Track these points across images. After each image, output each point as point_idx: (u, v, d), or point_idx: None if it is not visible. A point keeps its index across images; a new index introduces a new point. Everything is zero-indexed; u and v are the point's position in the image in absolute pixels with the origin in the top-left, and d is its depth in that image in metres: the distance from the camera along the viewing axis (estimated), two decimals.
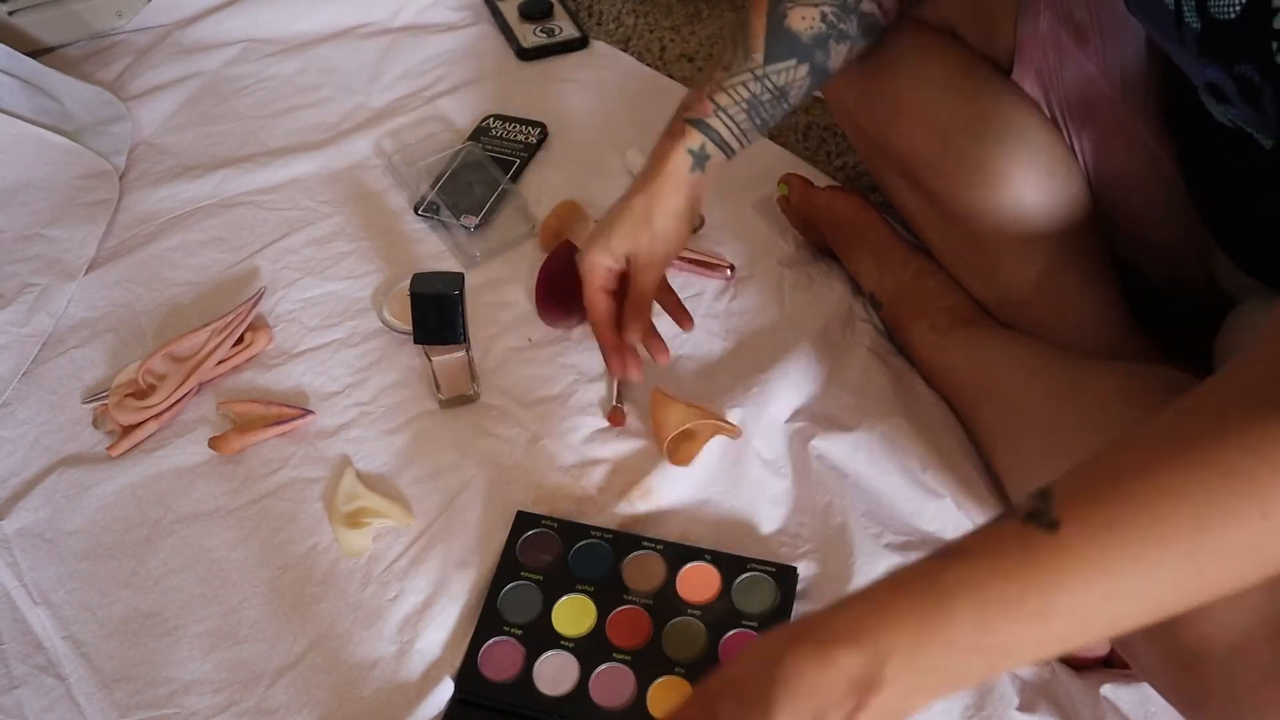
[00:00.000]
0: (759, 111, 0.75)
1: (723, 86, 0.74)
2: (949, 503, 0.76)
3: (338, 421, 0.83)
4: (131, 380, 0.84)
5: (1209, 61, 0.50)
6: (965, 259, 0.81)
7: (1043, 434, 0.69)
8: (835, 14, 0.72)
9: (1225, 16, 0.48)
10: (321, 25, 1.24)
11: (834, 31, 0.73)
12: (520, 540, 0.74)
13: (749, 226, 0.99)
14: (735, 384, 0.83)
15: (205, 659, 0.70)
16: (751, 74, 0.73)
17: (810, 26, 0.72)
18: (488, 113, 1.12)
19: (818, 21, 0.72)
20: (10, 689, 0.69)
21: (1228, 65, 0.49)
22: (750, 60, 0.73)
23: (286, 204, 1.02)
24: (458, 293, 0.76)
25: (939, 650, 0.39)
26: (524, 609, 0.70)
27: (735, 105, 0.74)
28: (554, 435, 0.82)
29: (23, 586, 0.74)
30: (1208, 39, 0.49)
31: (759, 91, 0.74)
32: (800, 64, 0.73)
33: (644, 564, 0.72)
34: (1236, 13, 0.47)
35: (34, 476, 0.80)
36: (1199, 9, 0.49)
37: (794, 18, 0.72)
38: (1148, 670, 0.59)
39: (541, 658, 0.68)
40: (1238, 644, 0.48)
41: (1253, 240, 0.64)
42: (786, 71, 0.73)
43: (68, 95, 1.09)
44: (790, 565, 0.72)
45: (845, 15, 0.73)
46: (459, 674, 0.68)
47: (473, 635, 0.69)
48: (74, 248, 0.96)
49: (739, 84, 0.73)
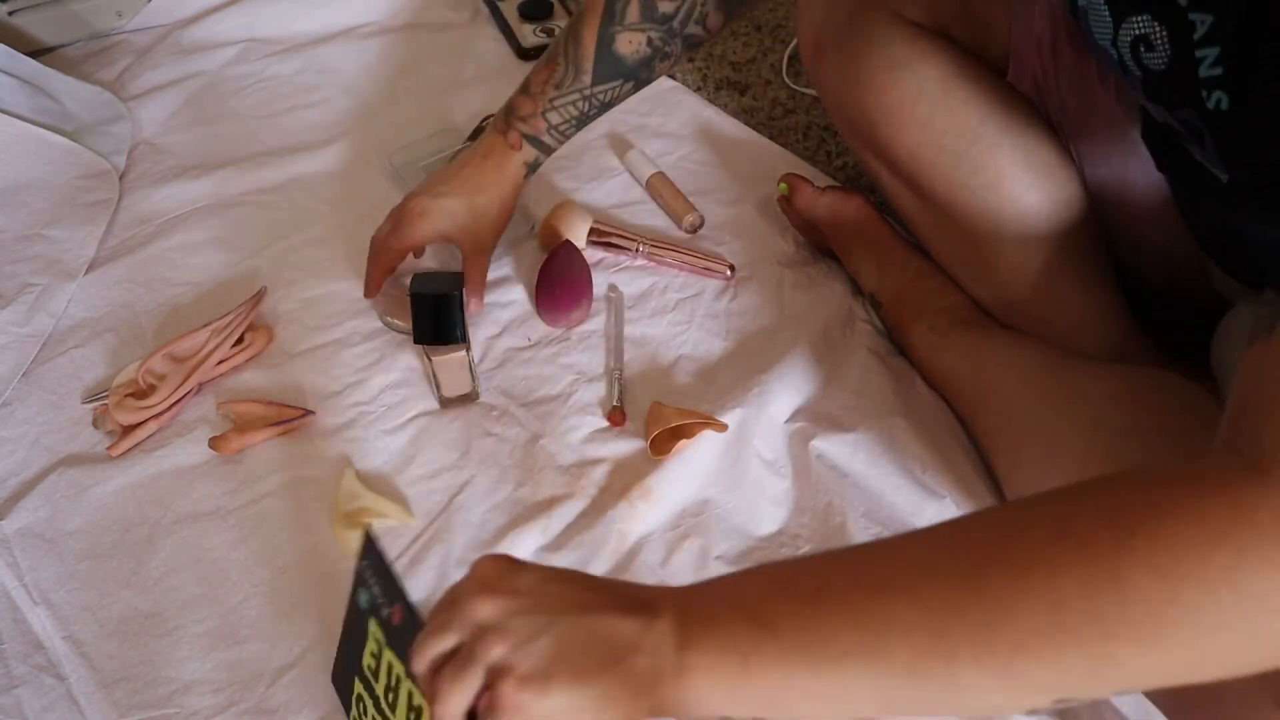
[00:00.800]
0: (585, 121, 0.85)
1: (554, 105, 0.83)
2: (949, 503, 0.76)
3: (338, 421, 0.83)
4: (131, 380, 0.84)
5: (1155, 105, 0.51)
6: (963, 260, 0.81)
7: (1041, 438, 0.69)
8: (661, 38, 0.79)
9: (1157, 68, 0.48)
10: (321, 25, 1.24)
11: (659, 54, 0.80)
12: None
13: (749, 226, 0.99)
14: (735, 384, 0.83)
15: (205, 659, 0.70)
16: (580, 94, 0.82)
17: (636, 51, 0.80)
18: (488, 113, 1.12)
19: (644, 46, 0.80)
20: (10, 689, 0.69)
21: (1170, 110, 0.50)
22: (579, 81, 0.82)
23: (286, 204, 1.02)
24: (458, 293, 0.76)
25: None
26: None
27: (565, 122, 0.84)
28: (554, 435, 0.82)
29: (23, 586, 0.74)
30: (1149, 86, 0.50)
31: (586, 109, 0.84)
32: (626, 82, 0.83)
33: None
34: (1165, 63, 0.47)
35: (34, 476, 0.80)
36: (1135, 60, 0.49)
37: (621, 43, 0.79)
38: None
39: None
40: None
41: (1236, 253, 0.64)
42: (612, 90, 0.83)
43: (68, 95, 1.09)
44: None
45: (670, 39, 0.80)
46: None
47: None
48: (74, 248, 0.96)
49: (569, 103, 0.83)
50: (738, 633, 0.40)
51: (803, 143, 1.10)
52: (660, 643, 0.41)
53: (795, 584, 0.41)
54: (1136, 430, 0.62)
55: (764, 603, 0.41)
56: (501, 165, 0.85)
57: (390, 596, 0.56)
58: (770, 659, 0.39)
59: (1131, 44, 0.49)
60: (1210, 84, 0.45)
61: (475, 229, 0.86)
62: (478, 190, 0.85)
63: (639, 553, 0.75)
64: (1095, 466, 0.59)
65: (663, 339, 0.89)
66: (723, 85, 1.18)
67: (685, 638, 0.41)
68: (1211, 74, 0.45)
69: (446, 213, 0.84)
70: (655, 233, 0.98)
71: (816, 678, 0.39)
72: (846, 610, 0.39)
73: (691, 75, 1.19)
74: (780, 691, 0.39)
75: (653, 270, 0.95)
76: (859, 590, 0.39)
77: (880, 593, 0.39)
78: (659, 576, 0.73)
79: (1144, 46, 0.49)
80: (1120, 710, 0.65)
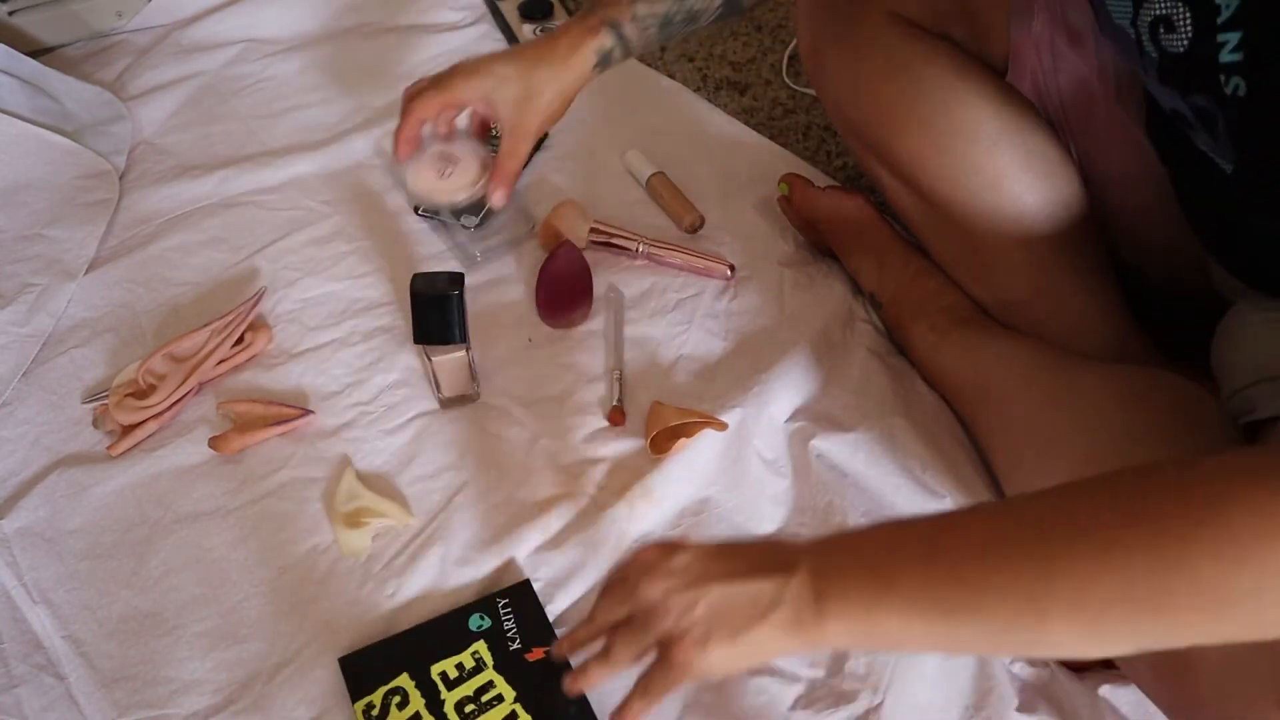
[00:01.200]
0: (668, 29, 0.79)
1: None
2: (949, 502, 0.76)
3: (338, 421, 0.83)
4: (131, 380, 0.84)
5: (1168, 89, 0.51)
6: (963, 260, 0.81)
7: (1040, 437, 0.69)
8: None
9: (1176, 50, 0.48)
10: (321, 25, 1.24)
11: None
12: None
13: (749, 226, 0.99)
14: (735, 384, 0.83)
15: (205, 659, 0.70)
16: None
17: None
18: None
19: None
20: (10, 688, 0.69)
21: (1184, 94, 0.50)
22: None
23: (286, 204, 1.02)
24: (458, 293, 0.76)
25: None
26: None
27: (651, 18, 0.78)
28: (554, 435, 0.82)
29: (22, 586, 0.74)
30: (1164, 69, 0.50)
31: (675, 11, 0.77)
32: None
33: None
34: (1185, 46, 0.48)
35: (34, 476, 0.80)
36: (1153, 41, 0.49)
37: None
38: (1139, 677, 0.60)
39: None
40: (1230, 652, 0.48)
41: (1238, 250, 0.64)
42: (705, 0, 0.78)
43: (68, 95, 1.09)
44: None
45: None
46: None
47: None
48: (74, 248, 0.96)
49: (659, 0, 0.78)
50: (864, 587, 0.47)
51: (803, 143, 1.10)
52: (799, 595, 0.48)
53: (907, 548, 0.48)
54: (1137, 429, 0.63)
55: (884, 561, 0.48)
56: (574, 46, 0.78)
57: (536, 640, 0.68)
58: (891, 610, 0.46)
59: (1151, 24, 0.49)
60: (1229, 69, 0.45)
61: (523, 104, 0.78)
62: (538, 62, 0.78)
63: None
64: (1096, 465, 0.59)
65: (663, 339, 0.89)
66: (723, 85, 1.18)
67: (820, 590, 0.48)
68: (1231, 59, 0.45)
69: (497, 76, 0.77)
70: (655, 233, 0.98)
71: (929, 626, 0.46)
72: (952, 575, 0.45)
73: (691, 75, 1.19)
74: (901, 634, 0.47)
75: (653, 270, 0.95)
76: (963, 557, 0.46)
77: (981, 560, 0.45)
78: None
79: (1164, 28, 0.49)
80: (1120, 710, 0.65)
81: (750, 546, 0.53)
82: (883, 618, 0.47)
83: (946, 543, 0.47)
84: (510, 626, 0.69)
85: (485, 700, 0.66)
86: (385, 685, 0.66)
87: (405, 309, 0.91)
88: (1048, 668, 0.68)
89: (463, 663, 0.67)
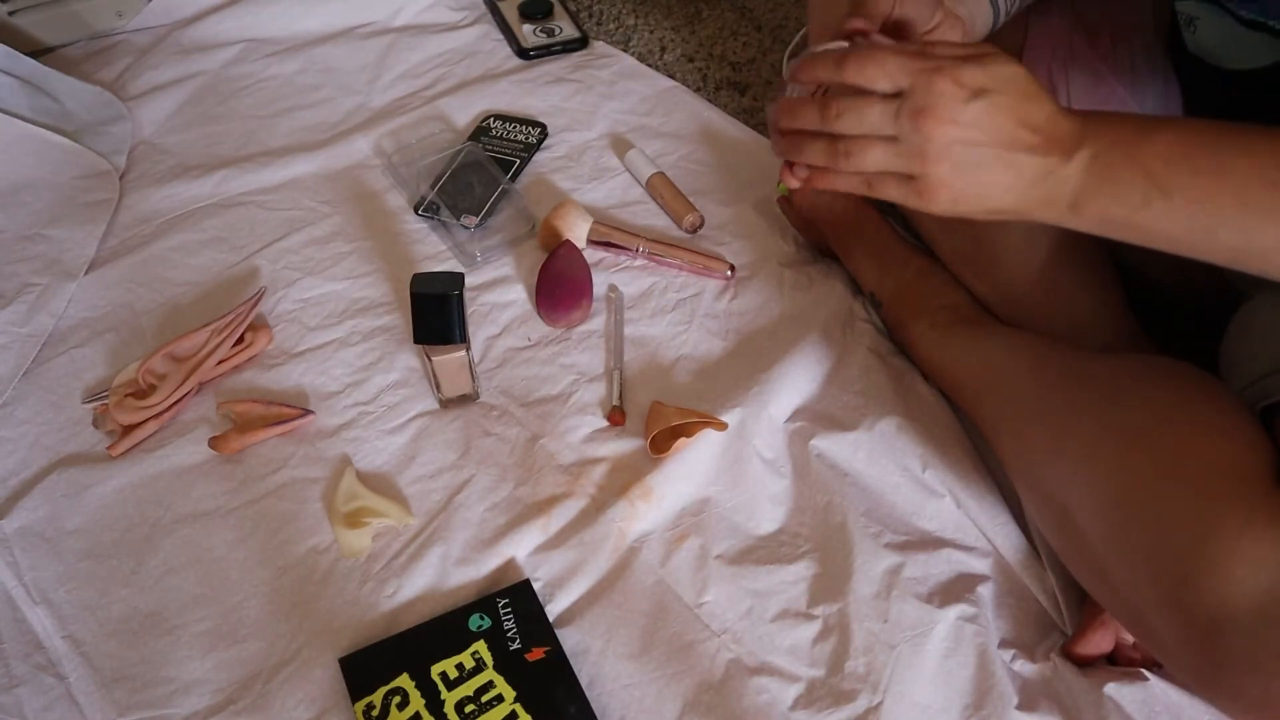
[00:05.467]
0: None
1: None
2: (949, 501, 0.76)
3: (338, 421, 0.83)
4: (131, 380, 0.84)
5: None
6: (966, 256, 0.81)
7: (1046, 419, 0.68)
8: None
9: None
10: (321, 25, 1.24)
11: None
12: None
13: (749, 226, 0.99)
14: (735, 384, 0.83)
15: (205, 659, 0.70)
16: None
17: None
18: (488, 113, 1.12)
19: None
20: (10, 688, 0.69)
21: None
22: None
23: (286, 204, 1.02)
24: (458, 293, 0.76)
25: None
26: None
27: None
28: (554, 435, 0.82)
29: (22, 586, 0.74)
30: None
31: None
32: None
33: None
34: None
35: (34, 476, 0.80)
36: None
37: None
38: (1164, 646, 0.56)
39: None
40: (1262, 608, 0.47)
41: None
42: None
43: (68, 95, 1.09)
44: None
45: None
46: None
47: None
48: (74, 248, 0.97)
49: None
50: (1135, 188, 0.48)
51: None
52: (1062, 182, 0.50)
53: (1192, 160, 0.48)
54: (1149, 407, 0.60)
55: (1163, 167, 0.48)
56: None
57: (535, 640, 0.68)
58: (1156, 215, 0.48)
59: None
60: None
61: None
62: None
63: (639, 552, 0.75)
64: (1112, 443, 0.58)
65: (663, 339, 0.89)
66: (723, 85, 1.18)
67: (1086, 182, 0.50)
68: None
69: None
70: (655, 233, 0.98)
71: (1190, 236, 0.48)
72: (1237, 200, 0.47)
73: (691, 75, 1.19)
74: (1153, 236, 0.49)
75: (653, 270, 0.95)
76: (1252, 184, 0.47)
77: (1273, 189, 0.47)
78: (658, 575, 0.73)
79: None
80: (1125, 709, 0.65)
81: (1040, 118, 0.51)
82: (1141, 221, 0.49)
83: (1239, 166, 0.48)
84: (510, 626, 0.69)
85: (485, 700, 0.66)
86: (385, 685, 0.66)
87: (405, 309, 0.91)
88: (1050, 664, 0.68)
89: (463, 663, 0.67)
